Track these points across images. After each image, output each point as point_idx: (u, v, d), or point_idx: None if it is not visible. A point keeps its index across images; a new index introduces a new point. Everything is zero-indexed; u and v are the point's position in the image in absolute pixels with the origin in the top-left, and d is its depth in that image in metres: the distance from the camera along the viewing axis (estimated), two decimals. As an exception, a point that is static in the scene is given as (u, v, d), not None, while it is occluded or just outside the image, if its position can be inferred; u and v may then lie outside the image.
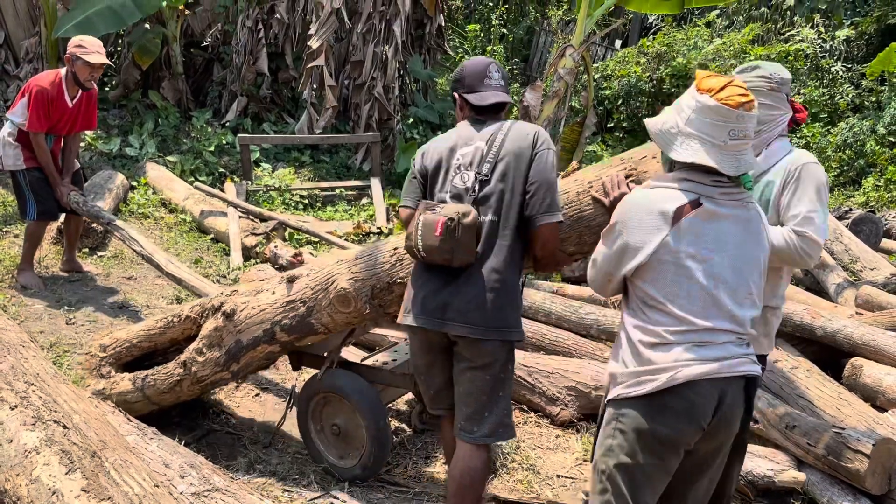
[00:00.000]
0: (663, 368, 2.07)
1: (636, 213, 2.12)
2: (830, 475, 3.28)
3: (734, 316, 2.12)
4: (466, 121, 2.72)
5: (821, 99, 10.93)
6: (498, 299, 2.53)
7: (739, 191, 2.15)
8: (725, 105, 2.05)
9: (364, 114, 8.60)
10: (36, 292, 4.93)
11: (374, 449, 3.14)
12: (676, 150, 2.12)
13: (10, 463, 2.20)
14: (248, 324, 3.20)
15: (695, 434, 2.11)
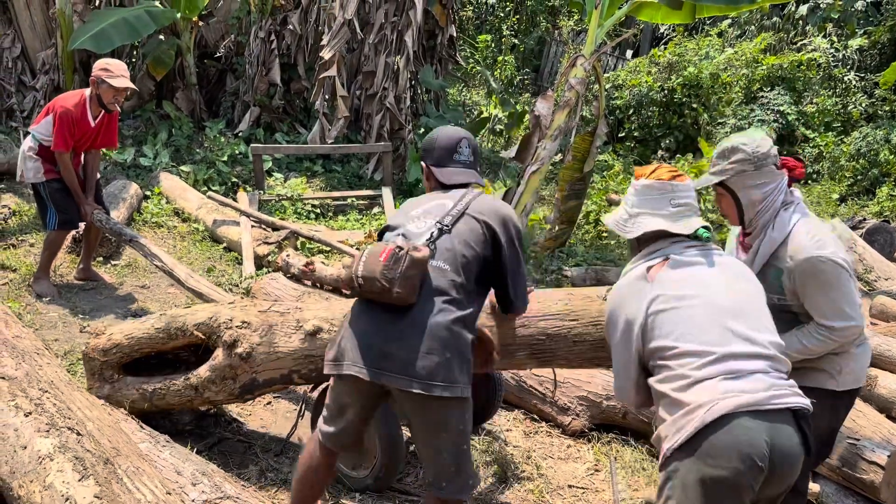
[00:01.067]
0: (698, 405, 2.00)
1: (621, 292, 2.30)
2: (845, 486, 3.26)
3: (751, 338, 2.10)
4: (435, 191, 2.69)
5: (834, 108, 10.89)
6: (446, 352, 2.33)
7: (702, 244, 2.31)
8: (658, 180, 2.34)
9: (376, 124, 8.63)
10: (51, 300, 4.97)
11: (386, 460, 3.14)
12: (631, 231, 2.36)
13: (24, 469, 2.22)
14: (265, 367, 3.18)
15: (754, 475, 1.97)
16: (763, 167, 2.54)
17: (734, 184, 2.58)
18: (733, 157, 2.57)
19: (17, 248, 5.75)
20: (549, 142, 6.31)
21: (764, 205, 2.56)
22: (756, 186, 2.56)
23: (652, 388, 2.17)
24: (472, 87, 14.00)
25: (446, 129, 2.74)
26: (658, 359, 2.15)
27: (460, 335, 2.38)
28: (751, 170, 2.55)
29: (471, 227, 2.49)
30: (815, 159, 10.36)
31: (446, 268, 2.42)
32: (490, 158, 10.45)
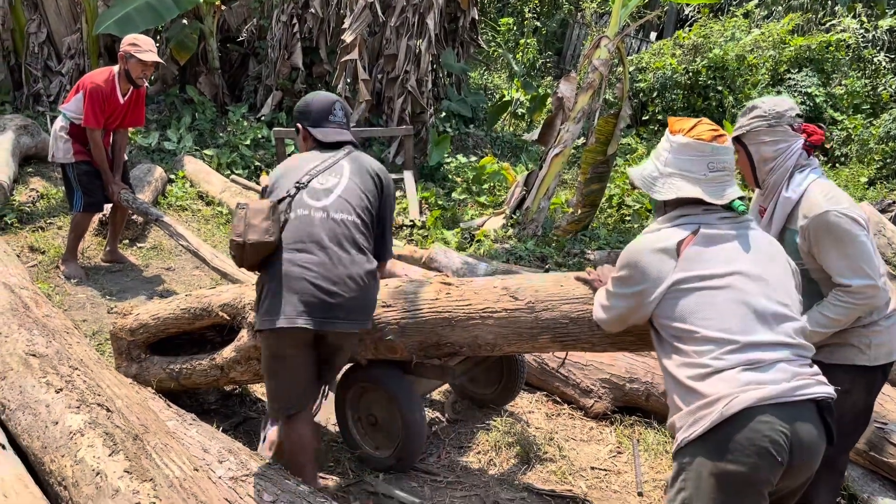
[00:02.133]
0: (717, 399, 1.92)
1: (643, 256, 2.15)
2: (871, 471, 3.23)
3: (775, 326, 2.01)
4: (313, 150, 2.87)
5: (863, 90, 10.68)
6: (371, 294, 2.72)
7: (735, 216, 2.17)
8: (698, 140, 2.16)
9: (397, 107, 8.62)
10: (79, 282, 5.05)
11: (409, 440, 3.16)
12: (659, 192, 2.21)
13: (55, 444, 2.26)
14: None
15: (773, 469, 1.91)
16: (776, 126, 2.55)
17: (748, 139, 2.60)
18: (750, 115, 2.60)
19: (45, 230, 5.84)
20: (573, 124, 6.26)
21: (775, 163, 2.56)
22: (767, 143, 2.56)
23: (665, 370, 2.12)
24: (493, 71, 13.92)
25: (319, 94, 2.92)
26: (674, 338, 2.08)
27: (374, 276, 2.74)
28: (763, 126, 2.56)
29: (364, 179, 2.75)
30: (844, 142, 10.18)
31: (353, 219, 2.69)
32: (512, 142, 10.40)
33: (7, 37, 8.63)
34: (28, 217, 6.01)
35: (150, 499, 2.06)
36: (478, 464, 3.40)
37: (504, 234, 6.42)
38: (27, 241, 5.57)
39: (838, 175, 9.64)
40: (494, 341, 2.99)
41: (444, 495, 3.14)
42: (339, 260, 2.64)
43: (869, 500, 3.16)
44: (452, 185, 8.11)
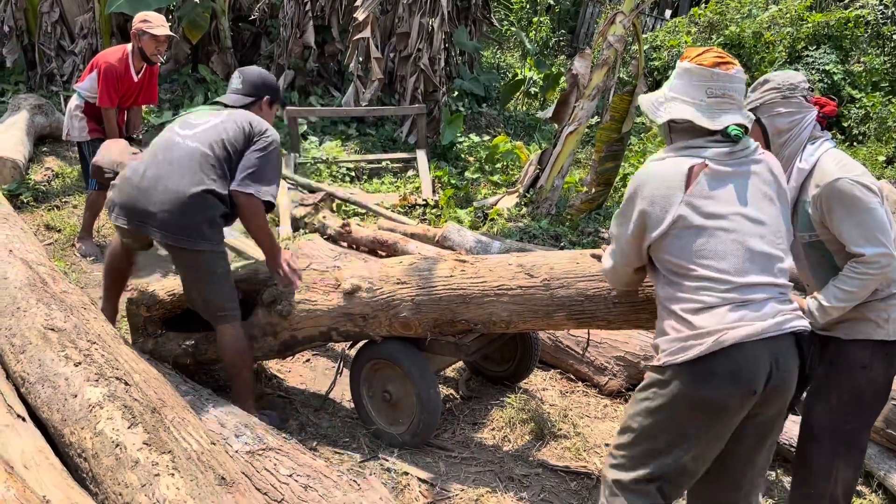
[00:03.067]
0: (709, 332, 2.05)
1: (651, 183, 2.17)
2: (888, 448, 3.21)
3: (767, 266, 2.12)
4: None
5: (882, 67, 10.53)
6: (190, 216, 2.97)
7: (741, 148, 2.19)
8: (700, 65, 2.19)
9: (410, 86, 8.57)
10: (95, 260, 5.08)
11: (423, 416, 3.17)
12: (659, 115, 2.25)
13: (75, 417, 2.28)
14: (304, 324, 3.24)
15: (746, 398, 2.07)
16: (790, 98, 2.53)
17: (762, 112, 2.57)
18: (763, 88, 2.58)
19: (60, 209, 5.87)
20: (587, 101, 6.21)
21: (790, 135, 2.53)
22: (782, 115, 2.53)
23: (659, 300, 2.22)
24: (506, 50, 13.81)
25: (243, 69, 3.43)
26: (672, 273, 2.16)
27: (201, 201, 2.98)
28: (778, 98, 2.53)
29: (231, 126, 3.09)
30: (862, 120, 10.05)
31: (207, 151, 3.03)
32: (525, 121, 10.33)
33: (20, 16, 8.63)
34: (43, 196, 6.04)
35: (169, 470, 2.08)
36: (492, 440, 3.41)
37: (518, 212, 6.40)
38: (43, 220, 5.61)
39: (856, 154, 9.52)
40: (509, 318, 2.99)
41: (459, 471, 3.15)
42: (168, 176, 3.01)
43: (885, 477, 3.15)
44: (465, 165, 8.08)
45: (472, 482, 3.08)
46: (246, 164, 3.06)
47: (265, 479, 2.58)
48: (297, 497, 2.50)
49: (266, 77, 3.38)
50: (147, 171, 3.06)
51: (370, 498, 2.48)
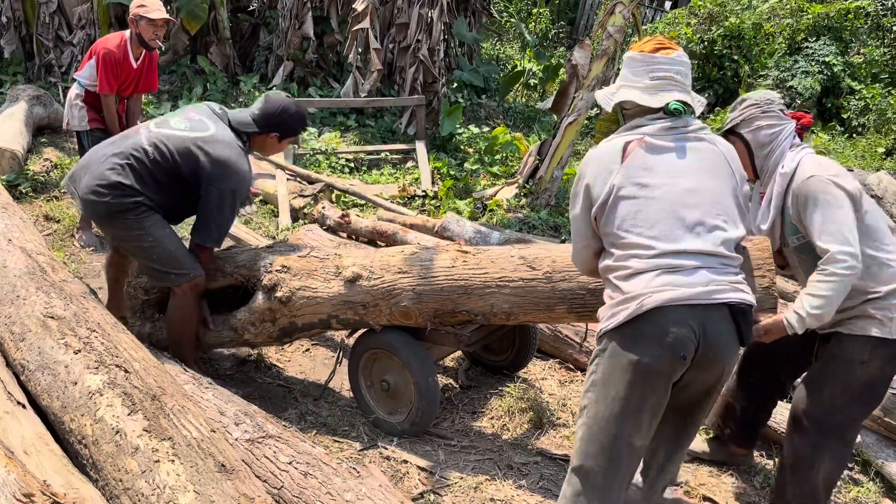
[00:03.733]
0: (634, 297, 2.13)
1: (591, 161, 2.33)
2: (886, 437, 3.22)
3: (701, 235, 2.17)
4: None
5: (882, 59, 10.51)
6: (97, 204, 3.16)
7: (682, 125, 2.30)
8: (642, 52, 2.34)
9: (409, 77, 8.55)
10: (94, 250, 5.08)
11: (422, 405, 3.18)
12: (607, 103, 2.40)
13: (75, 404, 2.29)
14: (304, 311, 3.24)
15: (675, 363, 2.13)
16: (769, 111, 2.65)
17: (743, 128, 2.68)
18: (742, 106, 2.70)
19: (59, 199, 5.86)
20: (587, 92, 6.20)
21: (772, 146, 2.63)
22: (762, 128, 2.65)
23: (601, 273, 2.33)
24: (506, 41, 13.77)
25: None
26: (610, 244, 2.27)
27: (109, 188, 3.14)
28: (757, 112, 2.64)
29: (196, 154, 3.15)
30: (861, 112, 10.03)
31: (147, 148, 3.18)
32: (524, 112, 10.32)
33: (18, 7, 8.59)
34: (42, 186, 6.04)
35: (170, 457, 2.08)
36: (491, 429, 3.42)
37: (517, 203, 6.40)
38: (42, 211, 5.60)
39: (855, 145, 9.52)
40: (510, 310, 2.99)
41: (458, 459, 3.16)
42: (104, 157, 3.22)
43: (882, 465, 3.16)
44: (464, 156, 8.07)
45: (472, 470, 3.10)
46: (200, 217, 3.25)
47: (265, 467, 2.59)
48: (296, 484, 2.51)
49: (285, 112, 3.32)
50: (103, 146, 3.34)
51: (369, 485, 2.48)
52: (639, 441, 2.22)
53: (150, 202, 3.21)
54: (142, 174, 3.18)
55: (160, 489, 1.99)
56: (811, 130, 9.83)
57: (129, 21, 4.87)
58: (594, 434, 2.22)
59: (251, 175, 3.30)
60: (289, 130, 3.38)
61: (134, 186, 3.16)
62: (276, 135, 3.35)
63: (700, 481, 3.15)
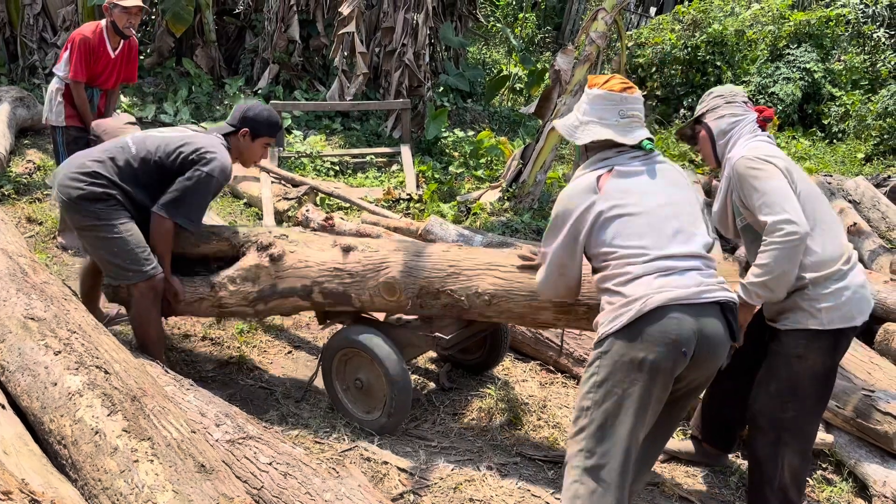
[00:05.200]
0: (637, 298, 2.26)
1: (569, 198, 2.48)
2: (858, 437, 3.28)
3: (685, 240, 2.35)
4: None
5: (862, 66, 10.66)
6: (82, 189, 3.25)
7: (645, 154, 2.51)
8: (610, 91, 2.50)
9: (394, 81, 8.58)
10: (76, 252, 5.06)
11: (395, 395, 3.21)
12: (579, 137, 2.54)
13: (54, 404, 2.30)
14: (291, 273, 3.29)
15: (678, 359, 2.25)
16: (733, 101, 2.79)
17: (708, 117, 2.83)
18: (709, 97, 2.86)
19: (42, 201, 5.84)
20: (570, 97, 6.25)
21: (731, 134, 2.77)
22: (724, 117, 2.78)
23: (598, 288, 2.46)
24: (492, 46, 13.83)
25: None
26: (602, 261, 2.41)
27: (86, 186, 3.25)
28: (721, 103, 2.81)
29: (178, 146, 3.31)
30: (841, 118, 10.17)
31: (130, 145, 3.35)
32: (510, 117, 10.37)
33: (2, 8, 8.55)
34: (25, 188, 6.01)
35: (149, 457, 2.10)
36: (472, 430, 3.45)
37: (500, 207, 6.44)
38: (24, 213, 5.58)
39: (835, 151, 9.64)
40: (493, 294, 3.03)
41: (439, 460, 3.19)
42: (88, 153, 3.40)
43: (855, 465, 3.22)
44: (449, 160, 8.11)
45: (452, 471, 3.12)
46: (170, 189, 3.29)
47: (245, 468, 2.61)
48: (276, 484, 2.53)
49: (252, 110, 3.49)
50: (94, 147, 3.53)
51: (349, 485, 2.51)
52: (642, 435, 2.34)
53: (124, 198, 3.30)
54: (122, 167, 3.30)
55: (139, 489, 2.00)
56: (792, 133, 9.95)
57: (103, 9, 4.88)
58: (605, 433, 2.29)
59: (231, 168, 3.39)
60: (259, 126, 3.48)
61: (110, 178, 3.28)
62: (247, 130, 3.46)
63: (677, 481, 3.20)
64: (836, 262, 2.58)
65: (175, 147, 3.32)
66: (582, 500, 2.30)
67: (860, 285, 2.63)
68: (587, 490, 2.30)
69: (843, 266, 2.59)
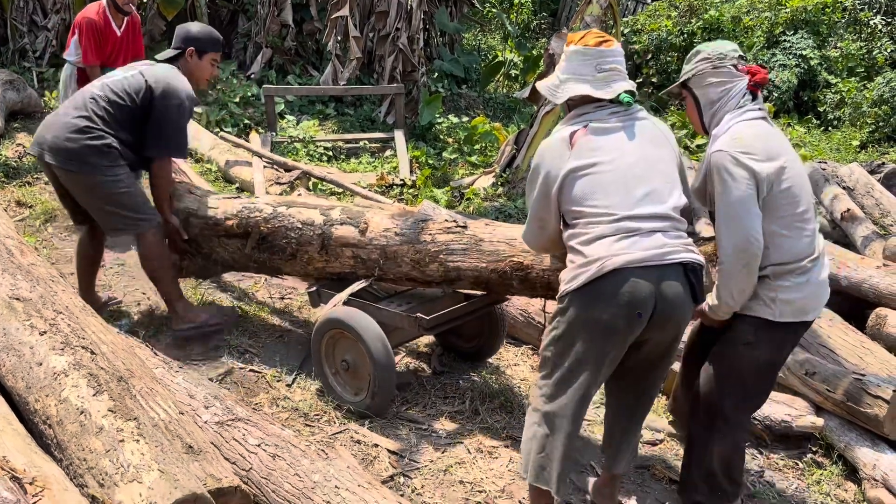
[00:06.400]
0: (595, 259, 2.28)
1: (544, 152, 2.48)
2: (849, 421, 3.28)
3: (655, 200, 2.34)
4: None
5: (858, 53, 10.61)
6: (74, 146, 3.43)
7: (625, 109, 2.47)
8: (586, 45, 2.47)
9: (388, 66, 8.52)
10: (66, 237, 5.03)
11: (377, 373, 3.19)
12: (559, 96, 2.50)
13: (39, 384, 2.28)
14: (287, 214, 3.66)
15: (632, 322, 2.28)
16: (720, 67, 2.56)
17: (694, 83, 2.64)
18: (694, 60, 2.64)
19: (32, 185, 5.81)
20: (564, 82, 6.21)
21: (719, 104, 2.58)
22: (712, 85, 2.58)
23: (565, 242, 2.46)
24: (487, 31, 13.76)
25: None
26: (571, 218, 2.41)
27: (81, 134, 3.44)
28: (708, 69, 2.58)
29: (140, 80, 3.52)
30: (837, 105, 10.14)
31: (105, 95, 3.51)
32: (504, 103, 10.33)
33: (-9, -9, 8.49)
34: (15, 172, 5.97)
35: (134, 437, 2.08)
36: (462, 413, 3.44)
37: (493, 192, 6.42)
38: (14, 196, 5.54)
39: (831, 138, 9.63)
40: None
41: (429, 443, 3.18)
42: (64, 112, 3.54)
43: (845, 449, 3.22)
44: (443, 145, 8.07)
45: (442, 453, 3.12)
46: (151, 132, 3.53)
47: (234, 449, 2.60)
48: (265, 466, 2.52)
49: (191, 29, 3.68)
50: (58, 108, 3.74)
51: (338, 466, 2.50)
52: (594, 390, 2.44)
53: (119, 144, 3.51)
54: (102, 115, 3.49)
55: (124, 468, 1.99)
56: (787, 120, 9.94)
57: None
58: (560, 384, 2.40)
59: (194, 94, 3.60)
60: (204, 43, 3.65)
61: (100, 126, 3.47)
62: (192, 49, 3.63)
63: (667, 464, 3.20)
64: (802, 259, 2.47)
65: (138, 86, 3.50)
66: (537, 441, 2.46)
67: (821, 282, 2.54)
68: (542, 432, 2.45)
69: (809, 263, 2.48)
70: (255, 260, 3.74)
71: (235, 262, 3.84)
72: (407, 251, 3.35)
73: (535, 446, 2.47)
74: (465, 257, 3.24)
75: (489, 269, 3.19)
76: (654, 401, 2.71)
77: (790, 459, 3.29)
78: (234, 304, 4.20)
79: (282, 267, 3.72)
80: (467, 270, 3.23)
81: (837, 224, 5.52)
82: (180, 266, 3.91)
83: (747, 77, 2.57)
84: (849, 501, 3.06)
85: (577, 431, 2.46)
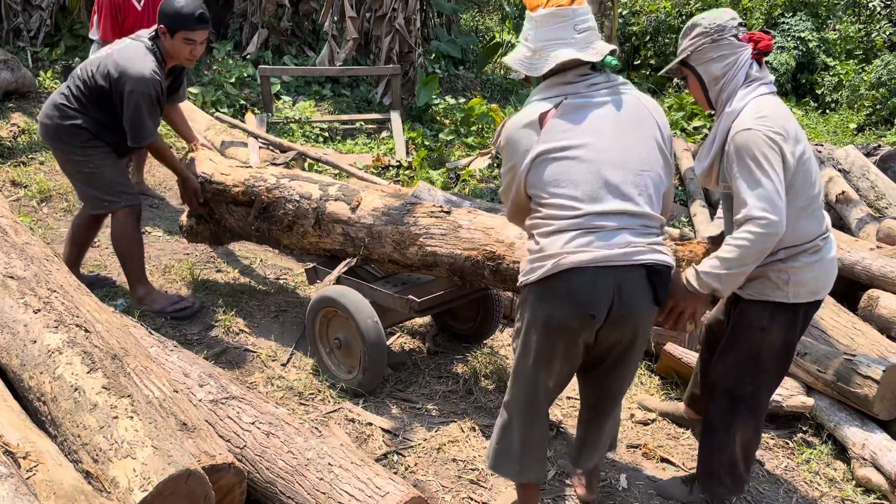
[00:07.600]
0: (551, 255, 2.16)
1: (513, 133, 2.27)
2: (839, 401, 3.31)
3: (626, 194, 2.17)
4: None
5: (857, 35, 10.59)
6: (51, 125, 3.64)
7: (607, 79, 2.26)
8: (559, 6, 2.20)
9: (385, 46, 8.49)
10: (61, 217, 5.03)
11: (367, 349, 3.20)
12: (540, 66, 2.23)
13: (34, 362, 2.29)
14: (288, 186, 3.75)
15: (584, 322, 2.19)
16: (720, 40, 2.39)
17: (695, 60, 2.46)
18: (692, 35, 2.46)
19: (27, 165, 5.79)
20: (560, 63, 6.19)
21: (725, 79, 2.42)
22: (714, 60, 2.41)
23: (527, 227, 2.34)
24: (485, 13, 13.68)
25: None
26: (536, 205, 2.26)
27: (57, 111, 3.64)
28: (708, 42, 2.41)
29: (105, 65, 3.57)
30: (835, 88, 10.13)
31: (77, 71, 3.67)
32: (501, 84, 10.29)
33: (-16, -31, 8.39)
34: (9, 152, 5.95)
35: (128, 413, 2.09)
36: (456, 393, 3.46)
37: (489, 173, 6.41)
38: (9, 176, 5.53)
39: (828, 121, 9.62)
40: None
41: (423, 421, 3.21)
42: (58, 90, 3.70)
43: (835, 428, 3.25)
44: (440, 127, 8.05)
45: (436, 432, 3.15)
46: (125, 124, 3.58)
47: (228, 427, 2.61)
48: (258, 443, 2.54)
49: (165, 6, 3.60)
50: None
51: (331, 444, 2.52)
52: (553, 384, 2.36)
53: (93, 126, 3.61)
54: (78, 97, 3.60)
55: (118, 444, 2.00)
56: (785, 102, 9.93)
57: None
58: (518, 376, 2.38)
59: (151, 76, 3.53)
60: (171, 21, 3.56)
61: (72, 106, 3.60)
62: (164, 28, 3.59)
63: (658, 443, 3.23)
64: (815, 237, 2.42)
65: (101, 68, 3.56)
66: (497, 430, 2.48)
67: (831, 259, 2.48)
68: (502, 422, 2.46)
69: (821, 242, 2.43)
70: (258, 229, 3.79)
71: (241, 230, 3.92)
72: (391, 232, 3.33)
73: (495, 435, 2.48)
74: (442, 242, 3.20)
75: (463, 257, 3.14)
76: (619, 402, 2.57)
77: (780, 439, 3.32)
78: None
79: (280, 238, 3.75)
80: (443, 256, 3.19)
81: (832, 206, 5.54)
82: (195, 231, 4.11)
83: (750, 46, 2.41)
84: (838, 480, 3.10)
85: (536, 422, 2.40)
